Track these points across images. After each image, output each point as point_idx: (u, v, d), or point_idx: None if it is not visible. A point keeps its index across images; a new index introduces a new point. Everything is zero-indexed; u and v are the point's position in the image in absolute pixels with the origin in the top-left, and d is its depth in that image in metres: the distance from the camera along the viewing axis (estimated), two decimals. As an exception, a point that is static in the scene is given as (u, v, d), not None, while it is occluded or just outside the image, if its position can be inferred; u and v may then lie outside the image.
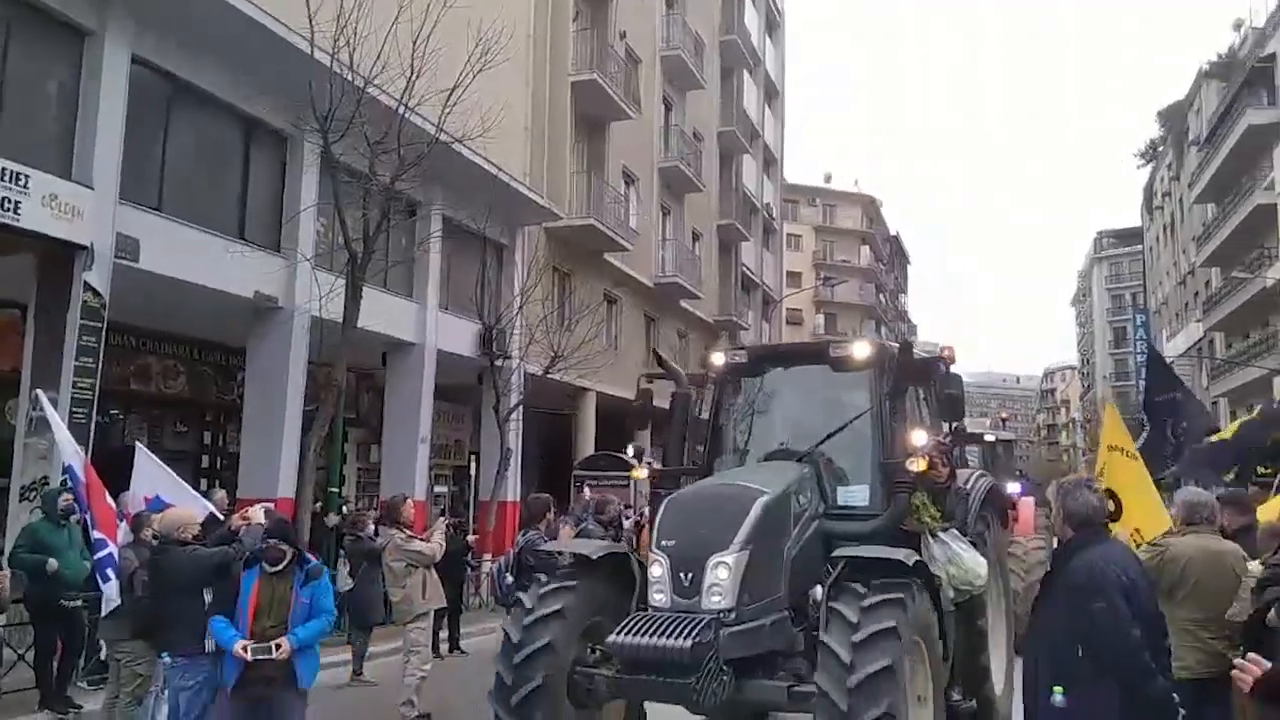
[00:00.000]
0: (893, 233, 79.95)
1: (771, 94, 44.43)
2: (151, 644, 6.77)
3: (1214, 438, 11.24)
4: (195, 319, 15.16)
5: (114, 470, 8.20)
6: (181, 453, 15.90)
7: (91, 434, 10.99)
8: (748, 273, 39.07)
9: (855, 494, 6.50)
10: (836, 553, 5.61)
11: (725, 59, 36.14)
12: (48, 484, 10.19)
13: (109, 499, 7.77)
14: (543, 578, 5.99)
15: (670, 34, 30.10)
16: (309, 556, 6.27)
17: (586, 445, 24.14)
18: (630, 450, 7.41)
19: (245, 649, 5.72)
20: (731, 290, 36.23)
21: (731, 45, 36.06)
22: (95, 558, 7.39)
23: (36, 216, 10.44)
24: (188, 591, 6.22)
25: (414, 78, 12.60)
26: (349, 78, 12.07)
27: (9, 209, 10.12)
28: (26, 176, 10.32)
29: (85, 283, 11.08)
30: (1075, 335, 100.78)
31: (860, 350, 6.65)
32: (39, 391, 9.65)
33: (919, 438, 6.13)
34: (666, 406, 7.47)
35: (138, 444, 8.44)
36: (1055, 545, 4.99)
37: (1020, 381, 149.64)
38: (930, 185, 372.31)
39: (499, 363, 18.79)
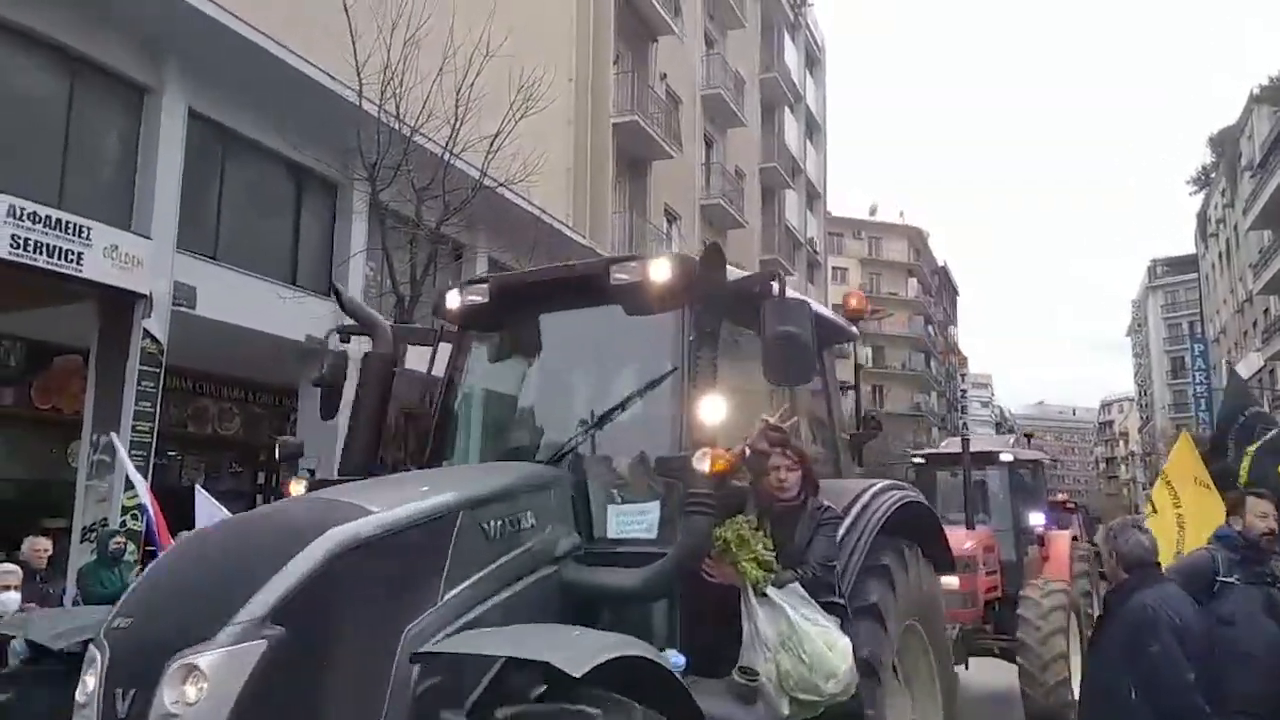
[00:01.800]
0: (940, 264, 79.36)
1: (813, 128, 44.60)
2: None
3: None
4: (249, 362, 15.56)
5: (170, 510, 8.46)
6: (237, 492, 16.25)
7: (150, 475, 11.31)
8: (793, 307, 38.96)
9: (634, 519, 3.92)
10: (426, 647, 3.04)
11: (766, 96, 36.43)
12: (107, 525, 10.50)
13: (170, 538, 8.04)
14: None
15: (710, 74, 30.46)
16: None
17: (632, 482, 24.13)
18: (278, 450, 4.88)
19: None
20: (776, 325, 36.13)
21: (772, 82, 36.36)
22: None
23: (98, 267, 10.86)
24: None
25: (458, 125, 12.93)
26: (396, 127, 12.43)
27: (72, 260, 10.54)
28: (89, 229, 10.75)
29: (144, 330, 11.48)
30: (1132, 366, 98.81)
31: (658, 271, 4.13)
32: (112, 435, 10.03)
33: (712, 411, 3.73)
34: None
35: (197, 485, 8.71)
36: (1104, 588, 4.85)
37: (1076, 414, 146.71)
38: (978, 215, 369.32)
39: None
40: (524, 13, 19.19)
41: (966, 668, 10.27)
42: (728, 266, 4.13)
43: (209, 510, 8.14)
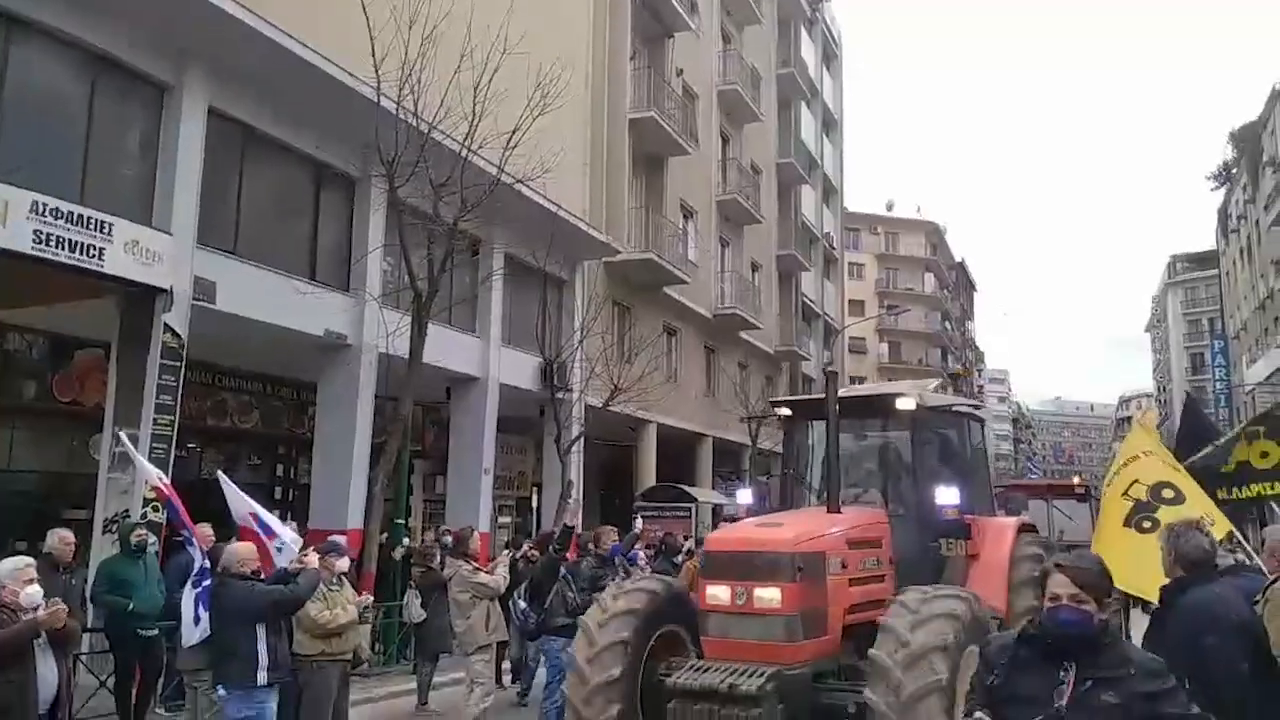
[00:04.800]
0: (958, 259, 79.00)
1: (830, 124, 44.46)
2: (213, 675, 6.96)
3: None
4: (268, 357, 15.70)
5: (190, 501, 8.52)
6: (255, 485, 16.37)
7: (171, 468, 11.43)
8: (808, 302, 38.94)
9: None
10: None
11: (783, 91, 36.32)
12: (129, 517, 10.61)
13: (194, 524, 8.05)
14: None
15: (727, 69, 30.40)
16: None
17: (648, 476, 24.25)
18: None
19: None
20: (792, 320, 36.14)
21: (789, 78, 36.26)
22: (199, 589, 7.29)
23: (119, 262, 10.96)
24: (242, 625, 6.39)
25: (476, 122, 13.00)
26: (414, 124, 12.50)
27: (94, 255, 10.65)
28: (110, 224, 10.85)
29: (165, 324, 11.57)
30: (1151, 362, 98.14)
31: None
32: (120, 431, 10.12)
33: None
34: None
35: (220, 474, 8.61)
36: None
37: (1094, 409, 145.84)
38: (997, 211, 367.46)
39: (560, 395, 19.02)
40: (541, 10, 19.25)
41: None
42: None
43: (237, 497, 8.08)
